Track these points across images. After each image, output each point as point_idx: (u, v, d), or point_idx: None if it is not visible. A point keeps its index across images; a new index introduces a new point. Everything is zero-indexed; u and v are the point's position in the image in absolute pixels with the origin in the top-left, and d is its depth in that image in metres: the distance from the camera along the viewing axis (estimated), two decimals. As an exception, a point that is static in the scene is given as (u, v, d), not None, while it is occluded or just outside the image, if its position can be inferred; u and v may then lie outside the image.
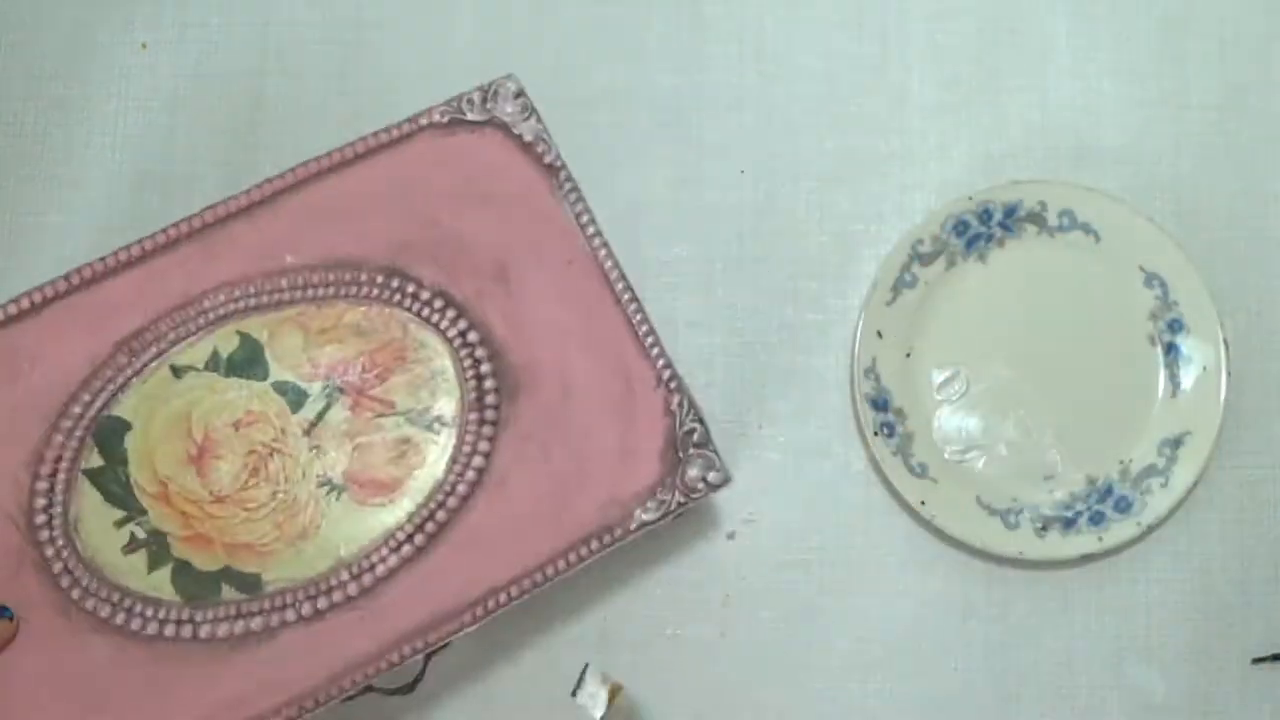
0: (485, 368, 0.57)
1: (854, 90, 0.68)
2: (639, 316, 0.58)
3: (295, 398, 0.56)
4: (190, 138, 0.66)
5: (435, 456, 0.56)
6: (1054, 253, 0.65)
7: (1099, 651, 0.63)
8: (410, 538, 0.55)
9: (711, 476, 0.57)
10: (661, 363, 0.57)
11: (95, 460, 0.54)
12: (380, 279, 0.57)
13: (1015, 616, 0.64)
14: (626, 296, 0.58)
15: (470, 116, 0.58)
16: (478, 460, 0.56)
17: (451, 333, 0.57)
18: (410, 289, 0.57)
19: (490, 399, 0.56)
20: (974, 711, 0.63)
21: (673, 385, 0.57)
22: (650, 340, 0.58)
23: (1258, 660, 0.63)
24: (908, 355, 0.65)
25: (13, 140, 0.66)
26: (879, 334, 0.64)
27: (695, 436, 0.57)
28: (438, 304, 0.57)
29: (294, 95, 0.67)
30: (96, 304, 0.55)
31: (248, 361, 0.56)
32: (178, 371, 0.56)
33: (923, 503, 0.63)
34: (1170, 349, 0.65)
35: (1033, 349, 0.65)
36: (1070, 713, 0.63)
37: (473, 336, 0.57)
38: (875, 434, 0.63)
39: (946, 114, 0.68)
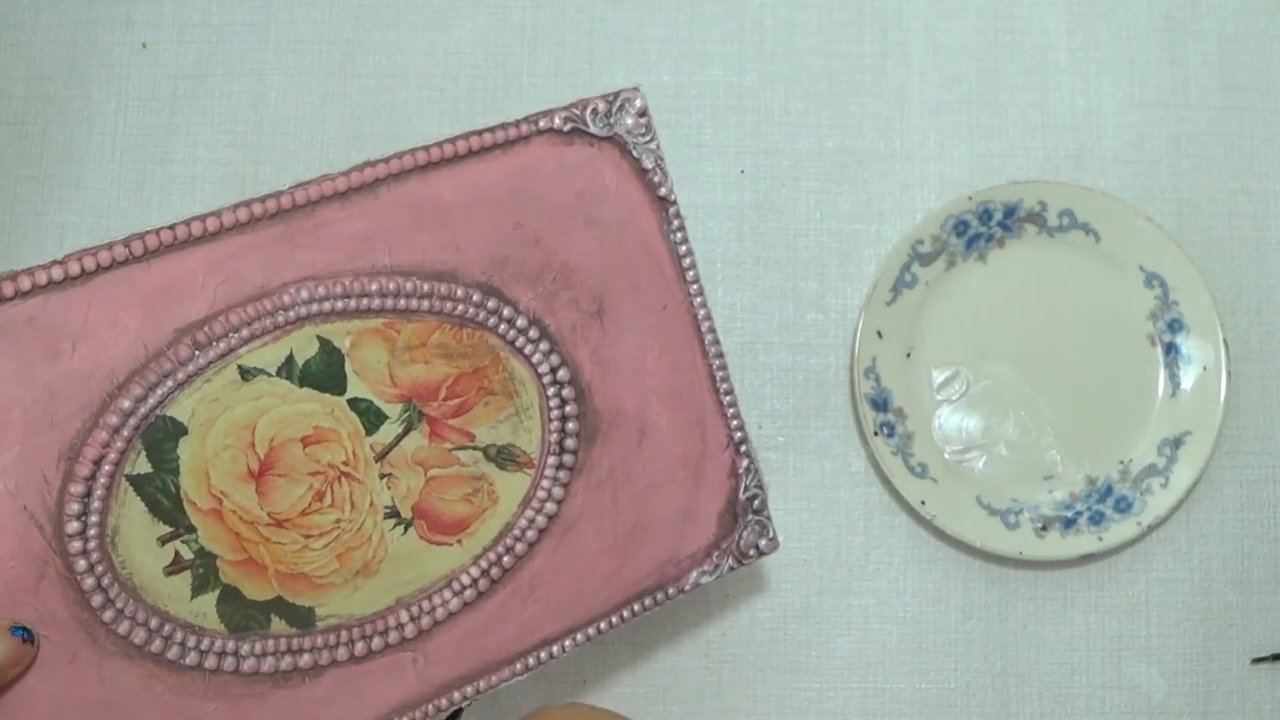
0: (570, 409, 0.53)
1: (854, 90, 0.68)
2: (722, 373, 0.56)
3: (373, 419, 0.50)
4: (190, 138, 0.66)
5: (509, 498, 0.52)
6: (1054, 253, 0.65)
7: (1099, 651, 0.63)
8: (475, 582, 0.51)
9: (764, 544, 0.56)
10: (735, 424, 0.56)
11: (143, 465, 0.47)
12: (476, 297, 0.51)
13: (1015, 616, 0.64)
14: (714, 350, 0.56)
15: (593, 129, 0.53)
16: (550, 507, 0.52)
17: (543, 367, 0.52)
18: (506, 313, 0.52)
19: (570, 443, 0.53)
20: (974, 711, 0.63)
21: (742, 448, 0.56)
22: (729, 399, 0.56)
23: (1258, 660, 0.63)
24: (908, 355, 0.65)
25: (13, 140, 0.66)
26: (879, 334, 0.64)
27: (755, 503, 0.56)
28: (532, 334, 0.52)
29: (294, 95, 0.67)
30: (157, 281, 0.46)
31: (326, 372, 0.49)
32: (246, 374, 0.48)
33: (923, 503, 0.63)
34: (1170, 349, 0.65)
35: (1033, 349, 0.65)
36: (1070, 713, 0.63)
37: (563, 374, 0.53)
38: (875, 434, 0.63)
39: (946, 114, 0.68)
